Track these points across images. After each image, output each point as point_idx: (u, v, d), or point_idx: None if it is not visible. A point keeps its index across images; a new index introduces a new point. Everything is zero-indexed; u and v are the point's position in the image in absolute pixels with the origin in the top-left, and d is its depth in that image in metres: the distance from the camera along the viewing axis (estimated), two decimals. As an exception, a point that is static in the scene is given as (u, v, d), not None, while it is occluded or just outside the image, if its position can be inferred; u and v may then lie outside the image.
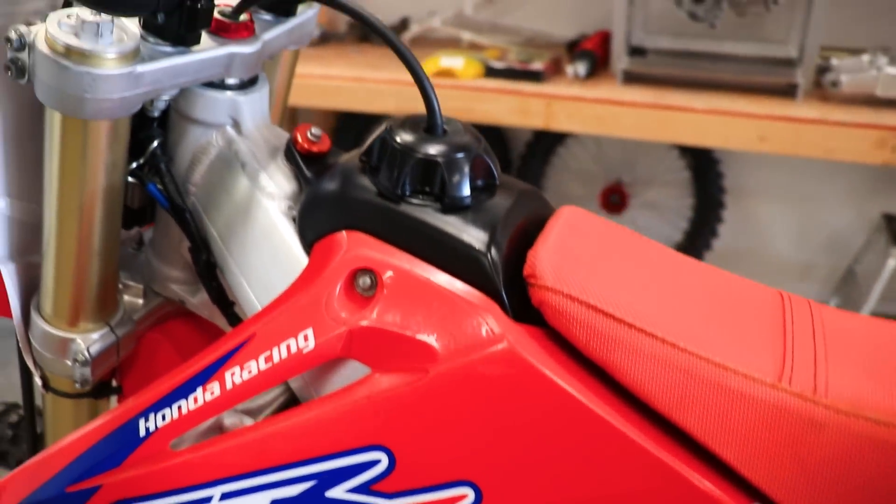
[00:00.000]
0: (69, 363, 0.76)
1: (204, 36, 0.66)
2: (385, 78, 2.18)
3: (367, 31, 2.49)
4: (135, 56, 0.60)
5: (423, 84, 0.64)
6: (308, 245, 0.66)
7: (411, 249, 0.61)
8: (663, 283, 0.63)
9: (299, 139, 0.69)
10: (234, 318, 0.76)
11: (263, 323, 0.62)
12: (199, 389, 0.62)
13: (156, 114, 0.69)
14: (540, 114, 2.09)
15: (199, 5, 0.60)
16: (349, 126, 2.64)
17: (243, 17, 0.69)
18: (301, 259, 0.67)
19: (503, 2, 2.47)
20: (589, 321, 0.57)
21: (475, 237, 0.61)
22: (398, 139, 0.64)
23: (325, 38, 2.50)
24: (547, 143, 2.47)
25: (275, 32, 0.72)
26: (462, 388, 0.58)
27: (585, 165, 2.53)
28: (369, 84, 2.20)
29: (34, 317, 0.76)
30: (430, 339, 0.59)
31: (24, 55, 0.60)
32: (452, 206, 0.62)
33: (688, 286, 0.64)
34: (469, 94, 2.13)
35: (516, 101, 2.10)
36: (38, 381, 0.81)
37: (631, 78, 2.13)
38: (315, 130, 0.70)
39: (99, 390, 0.83)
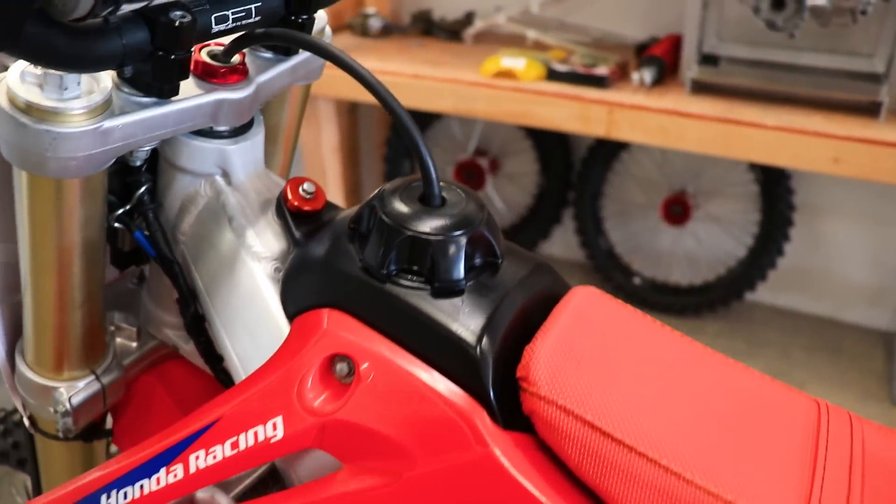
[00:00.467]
0: (52, 411, 0.72)
1: (189, 81, 0.61)
2: (444, 76, 2.12)
3: (431, 26, 2.43)
4: (103, 110, 0.55)
5: (418, 148, 0.57)
6: (290, 317, 0.61)
7: (395, 336, 0.55)
8: (677, 390, 0.56)
9: (289, 196, 0.63)
10: (224, 375, 0.71)
11: (232, 405, 0.57)
12: (163, 470, 0.58)
13: (137, 163, 0.64)
14: (601, 121, 2.00)
15: (171, 57, 0.54)
16: (407, 121, 2.58)
17: (236, 58, 0.63)
18: (284, 329, 0.61)
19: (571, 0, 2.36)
20: (583, 439, 0.50)
21: (466, 328, 0.54)
22: (387, 210, 0.57)
23: (388, 31, 2.44)
24: (610, 148, 2.37)
25: (272, 73, 0.66)
26: (436, 496, 0.52)
27: (649, 173, 2.42)
28: (427, 82, 2.14)
29: (18, 361, 0.73)
30: (406, 440, 0.53)
31: None
32: (444, 290, 0.56)
33: (707, 394, 0.56)
34: (529, 97, 2.05)
35: (578, 106, 2.01)
36: (26, 421, 0.78)
37: (700, 87, 2.01)
38: (308, 186, 0.64)
39: (89, 433, 0.79)
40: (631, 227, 2.48)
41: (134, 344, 0.78)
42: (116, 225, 0.68)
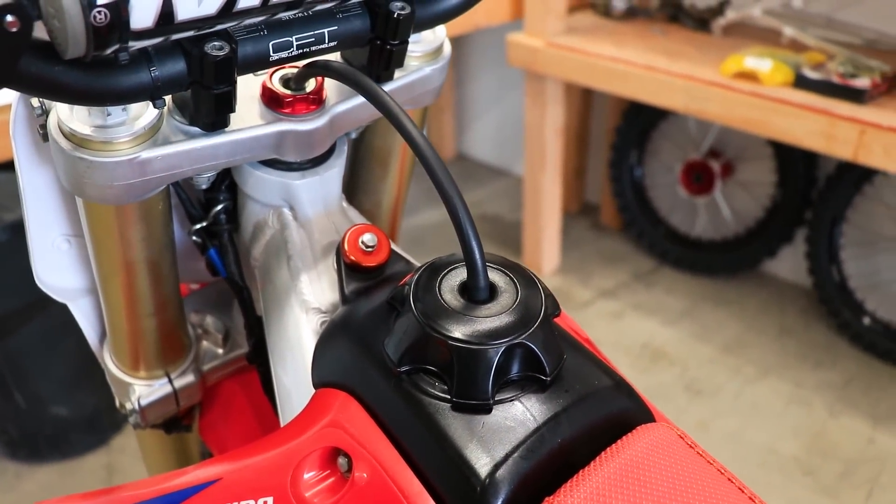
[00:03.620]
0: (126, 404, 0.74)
1: (253, 108, 0.56)
2: (678, 71, 1.95)
3: (679, 12, 2.25)
4: (146, 138, 0.51)
5: (461, 225, 0.47)
6: (315, 385, 0.55)
7: (402, 444, 0.48)
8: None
9: (346, 247, 0.57)
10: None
11: (233, 469, 0.54)
12: (164, 515, 0.56)
13: (203, 186, 0.61)
14: (849, 142, 1.74)
15: (213, 91, 0.50)
16: (636, 115, 2.43)
17: (311, 85, 0.58)
18: (311, 395, 0.56)
19: (845, -4, 2.08)
20: None
21: (477, 458, 0.45)
22: (419, 296, 0.49)
23: (632, 13, 2.30)
24: (865, 168, 2.07)
25: (355, 102, 0.59)
26: None
27: (907, 204, 2.10)
28: (660, 75, 1.98)
29: (104, 352, 0.74)
30: None
31: (46, 121, 0.54)
32: (464, 405, 0.47)
33: None
34: (769, 104, 1.83)
35: (824, 122, 1.77)
36: (117, 404, 0.80)
37: (985, 116, 1.69)
38: (368, 238, 0.57)
39: (169, 426, 0.80)
40: (872, 262, 2.18)
41: (220, 350, 0.77)
42: (194, 238, 0.67)
